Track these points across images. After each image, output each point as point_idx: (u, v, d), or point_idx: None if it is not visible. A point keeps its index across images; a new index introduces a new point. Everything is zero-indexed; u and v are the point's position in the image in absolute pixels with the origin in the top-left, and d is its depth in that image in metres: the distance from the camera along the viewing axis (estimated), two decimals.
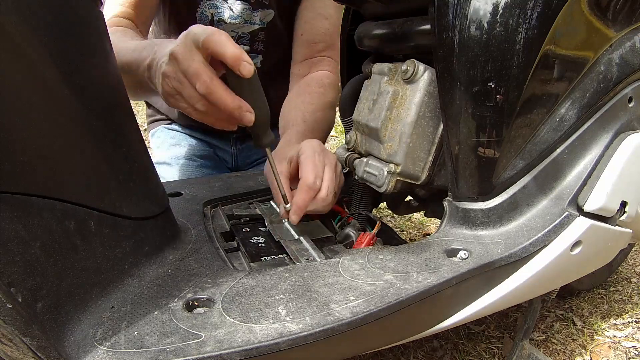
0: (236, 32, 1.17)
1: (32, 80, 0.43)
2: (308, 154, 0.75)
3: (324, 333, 0.50)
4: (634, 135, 0.76)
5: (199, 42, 0.59)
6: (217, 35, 0.59)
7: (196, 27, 0.62)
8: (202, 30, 0.60)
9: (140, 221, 0.57)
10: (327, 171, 0.75)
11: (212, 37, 0.59)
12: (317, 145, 0.78)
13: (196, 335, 0.48)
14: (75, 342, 0.45)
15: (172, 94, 0.65)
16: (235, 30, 1.17)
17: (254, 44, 1.21)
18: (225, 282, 0.57)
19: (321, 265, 0.63)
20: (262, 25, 1.19)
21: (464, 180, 0.71)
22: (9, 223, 0.40)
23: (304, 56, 1.16)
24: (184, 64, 0.61)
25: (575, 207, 0.71)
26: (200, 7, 1.13)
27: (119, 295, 0.53)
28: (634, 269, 1.31)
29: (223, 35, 0.59)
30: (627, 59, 0.78)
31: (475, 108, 0.67)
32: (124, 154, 0.56)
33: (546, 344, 1.01)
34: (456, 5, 0.64)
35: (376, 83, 0.81)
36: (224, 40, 0.58)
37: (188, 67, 0.60)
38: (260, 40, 1.21)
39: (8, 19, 0.40)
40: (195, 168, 1.23)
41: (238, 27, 1.17)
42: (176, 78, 0.63)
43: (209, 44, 0.59)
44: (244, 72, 0.59)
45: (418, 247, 0.67)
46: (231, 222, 0.81)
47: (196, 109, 0.64)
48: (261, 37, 1.21)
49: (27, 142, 0.42)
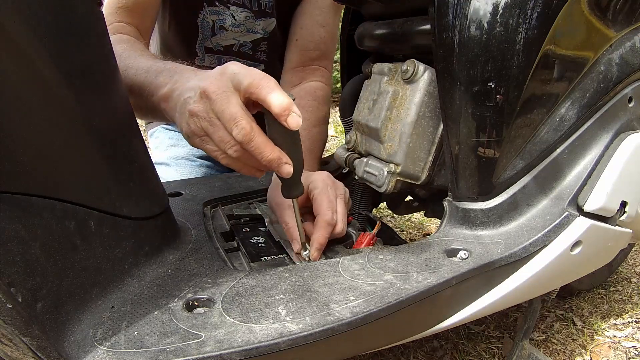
0: (237, 40, 1.17)
1: (32, 80, 0.43)
2: (321, 188, 0.74)
3: (324, 333, 0.50)
4: (634, 135, 0.76)
5: (241, 84, 0.55)
6: (265, 81, 0.55)
7: (235, 65, 0.58)
8: (246, 72, 0.56)
9: (140, 221, 0.57)
10: (340, 204, 0.75)
11: (261, 82, 0.55)
12: (327, 178, 0.77)
13: (196, 335, 0.48)
14: (75, 342, 0.45)
15: (198, 135, 0.59)
16: (236, 38, 1.16)
17: (256, 54, 1.20)
18: (225, 282, 0.57)
19: (321, 265, 0.63)
20: (265, 34, 1.18)
21: (464, 180, 0.71)
22: (9, 223, 0.40)
23: (297, 63, 1.12)
24: (219, 106, 0.55)
25: (575, 207, 0.71)
26: (201, 13, 1.12)
27: (119, 295, 0.53)
28: (634, 269, 1.31)
29: (272, 82, 0.55)
30: (627, 59, 0.78)
31: (475, 108, 0.67)
32: (124, 154, 0.56)
33: (546, 344, 1.01)
34: (456, 5, 0.64)
35: (376, 83, 0.81)
36: (272, 86, 0.55)
37: (224, 110, 0.55)
38: (262, 51, 1.20)
39: (8, 19, 0.40)
40: (194, 168, 1.23)
41: (239, 35, 1.16)
42: (207, 119, 0.57)
43: (255, 89, 0.55)
44: (291, 125, 0.55)
45: (418, 247, 0.67)
46: (231, 222, 0.81)
47: (226, 155, 0.58)
48: (263, 47, 1.20)
49: (27, 142, 0.42)
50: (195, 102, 0.57)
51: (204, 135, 0.59)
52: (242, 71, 0.56)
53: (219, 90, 0.56)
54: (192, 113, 0.58)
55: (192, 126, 0.59)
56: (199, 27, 1.13)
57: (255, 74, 0.56)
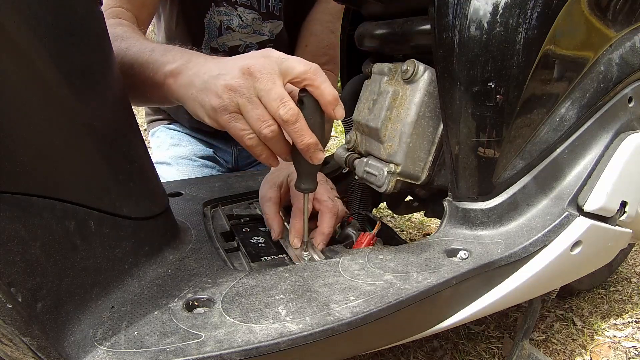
0: (244, 41, 1.17)
1: (32, 80, 0.43)
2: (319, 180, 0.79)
3: (324, 333, 0.50)
4: (634, 135, 0.76)
5: (293, 70, 0.57)
6: (320, 71, 0.57)
7: (278, 52, 0.59)
8: (299, 59, 0.58)
9: (140, 221, 0.57)
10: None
11: (317, 71, 0.57)
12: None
13: (196, 335, 0.48)
14: (75, 342, 0.45)
15: (230, 111, 0.58)
16: (242, 39, 1.16)
17: None
18: (225, 282, 0.57)
19: (321, 265, 0.63)
20: (271, 37, 1.18)
21: (464, 180, 0.71)
22: (9, 223, 0.40)
23: None
24: (265, 84, 0.56)
25: (575, 207, 0.71)
26: (209, 13, 1.12)
27: (119, 295, 0.53)
28: (634, 269, 1.31)
29: (324, 74, 0.58)
30: (627, 59, 0.78)
31: (475, 108, 0.67)
32: (124, 154, 0.56)
33: (546, 344, 1.01)
34: (456, 5, 0.64)
35: (376, 83, 0.81)
36: (325, 77, 0.57)
37: (270, 89, 0.56)
38: None
39: (8, 19, 0.40)
40: (195, 168, 1.23)
41: (246, 36, 1.16)
42: (246, 95, 0.56)
43: (311, 76, 0.57)
44: (338, 115, 0.58)
45: (418, 247, 0.67)
46: (231, 222, 0.81)
47: (258, 134, 0.58)
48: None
49: (27, 142, 0.42)
50: (236, 78, 0.57)
51: (235, 112, 0.58)
52: (294, 58, 0.58)
53: (265, 70, 0.56)
54: (230, 88, 0.57)
55: (225, 101, 0.57)
56: (205, 27, 1.13)
57: (311, 66, 0.57)
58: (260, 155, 0.61)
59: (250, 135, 0.59)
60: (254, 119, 0.57)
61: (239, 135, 0.59)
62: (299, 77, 0.57)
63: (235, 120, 0.58)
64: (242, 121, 0.58)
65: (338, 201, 0.80)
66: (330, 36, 1.13)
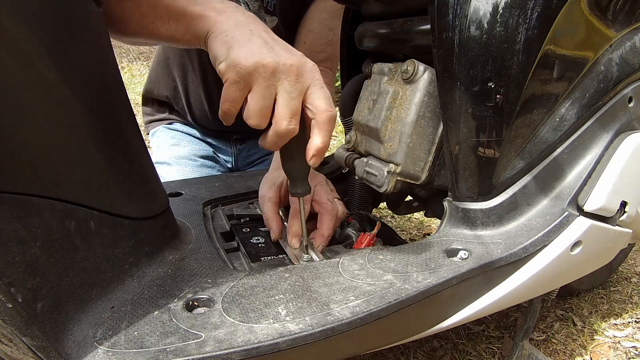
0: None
1: (32, 80, 0.43)
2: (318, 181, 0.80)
3: (324, 333, 0.50)
4: (634, 135, 0.76)
5: (314, 101, 0.58)
6: (332, 122, 0.59)
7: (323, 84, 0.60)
8: (326, 97, 0.59)
9: (140, 221, 0.57)
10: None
11: (331, 120, 0.58)
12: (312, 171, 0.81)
13: (196, 335, 0.48)
14: (75, 342, 0.45)
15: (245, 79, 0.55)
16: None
17: None
18: (225, 282, 0.57)
19: (321, 265, 0.63)
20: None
21: (464, 180, 0.71)
22: (9, 223, 0.40)
23: None
24: (292, 91, 0.56)
25: (575, 207, 0.71)
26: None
27: (119, 295, 0.53)
28: (634, 269, 1.31)
29: (334, 125, 0.59)
30: (627, 59, 0.78)
31: (475, 108, 0.67)
32: (124, 154, 0.55)
33: (546, 344, 1.01)
34: (456, 5, 0.64)
35: (376, 83, 0.81)
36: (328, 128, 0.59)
37: (293, 99, 0.57)
38: None
39: (8, 19, 0.40)
40: (195, 168, 1.23)
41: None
42: (270, 83, 0.56)
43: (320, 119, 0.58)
44: (310, 163, 0.60)
45: (418, 247, 0.67)
46: (231, 222, 0.81)
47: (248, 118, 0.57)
48: None
49: (27, 142, 0.42)
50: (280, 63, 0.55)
51: (247, 84, 0.55)
52: (325, 92, 0.59)
53: (302, 79, 0.57)
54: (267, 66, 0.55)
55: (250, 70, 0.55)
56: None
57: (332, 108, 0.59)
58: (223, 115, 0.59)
59: (236, 106, 0.57)
60: (255, 105, 0.56)
61: (227, 97, 0.56)
62: (313, 110, 0.58)
63: (238, 89, 0.56)
64: (243, 92, 0.56)
65: (338, 203, 0.80)
66: (328, 34, 1.13)
